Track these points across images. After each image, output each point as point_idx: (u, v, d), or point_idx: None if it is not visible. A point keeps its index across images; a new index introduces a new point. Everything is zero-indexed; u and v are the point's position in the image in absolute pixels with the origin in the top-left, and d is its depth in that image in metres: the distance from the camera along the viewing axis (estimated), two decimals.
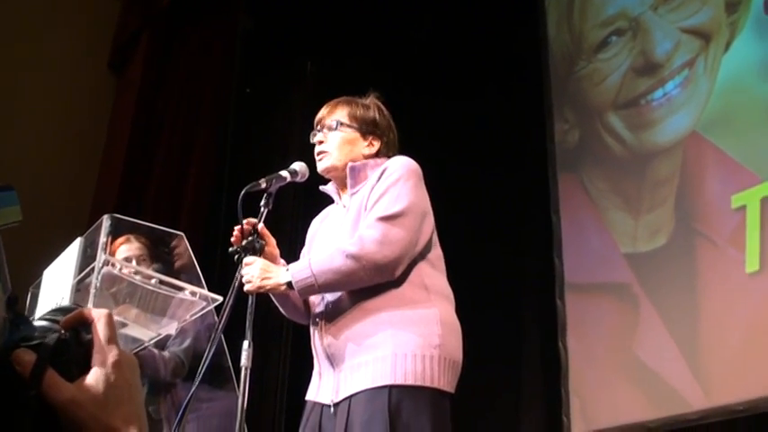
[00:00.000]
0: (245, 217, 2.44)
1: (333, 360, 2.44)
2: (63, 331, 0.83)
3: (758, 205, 3.62)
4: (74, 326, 0.84)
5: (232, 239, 2.48)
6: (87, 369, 0.82)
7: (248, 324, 2.28)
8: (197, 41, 5.59)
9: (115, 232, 2.64)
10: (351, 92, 2.74)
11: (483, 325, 4.23)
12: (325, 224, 2.69)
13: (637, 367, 3.90)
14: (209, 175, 5.18)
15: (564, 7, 4.71)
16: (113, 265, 2.55)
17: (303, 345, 2.76)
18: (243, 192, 2.43)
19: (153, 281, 2.65)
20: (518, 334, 4.62)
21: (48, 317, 0.86)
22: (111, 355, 0.83)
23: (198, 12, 5.63)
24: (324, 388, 2.46)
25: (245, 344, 2.26)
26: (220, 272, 3.82)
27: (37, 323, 0.85)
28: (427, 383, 2.33)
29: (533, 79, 4.73)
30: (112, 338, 0.85)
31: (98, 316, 0.85)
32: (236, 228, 2.46)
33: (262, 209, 2.49)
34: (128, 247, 3.09)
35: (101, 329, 0.84)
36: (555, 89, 4.62)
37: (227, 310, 2.30)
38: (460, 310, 2.52)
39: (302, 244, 2.77)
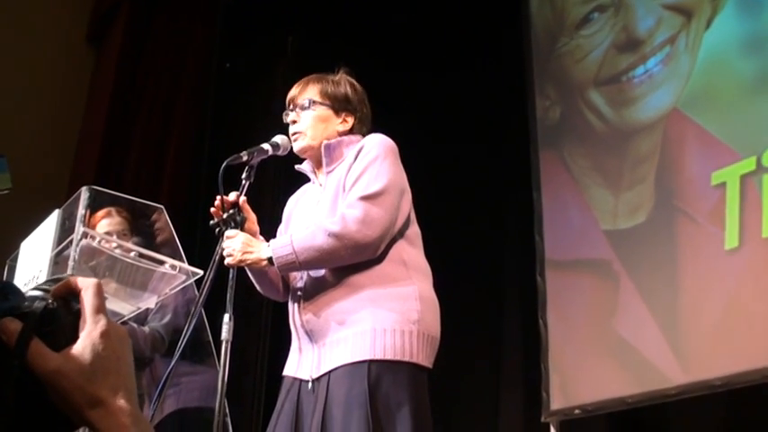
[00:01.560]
0: (226, 190, 2.43)
1: (312, 336, 2.44)
2: (51, 300, 0.82)
3: (738, 182, 3.64)
4: (62, 295, 0.83)
5: (212, 211, 2.46)
6: (75, 339, 0.81)
7: (229, 298, 2.27)
8: (178, 14, 5.54)
9: (94, 204, 2.62)
10: (332, 66, 2.72)
11: (463, 301, 4.25)
12: (302, 202, 2.68)
13: (616, 343, 3.92)
14: (188, 148, 5.16)
15: None
16: (92, 237, 2.52)
17: (282, 320, 2.75)
18: (224, 164, 2.41)
19: (132, 254, 2.63)
20: (498, 310, 4.64)
21: (41, 287, 0.85)
22: (99, 324, 0.82)
23: None
24: (303, 364, 2.46)
25: (226, 317, 2.25)
26: (201, 245, 3.80)
27: (29, 293, 0.84)
28: (406, 358, 2.35)
29: (515, 56, 4.71)
30: (100, 308, 0.83)
31: (86, 285, 0.84)
32: (217, 199, 2.44)
33: (243, 182, 2.47)
34: (109, 222, 3.06)
35: (89, 299, 0.83)
36: (536, 66, 4.61)
37: (208, 283, 2.29)
38: (441, 287, 2.54)
39: (281, 221, 2.76)
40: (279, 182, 4.67)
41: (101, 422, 0.79)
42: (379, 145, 2.49)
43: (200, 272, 2.66)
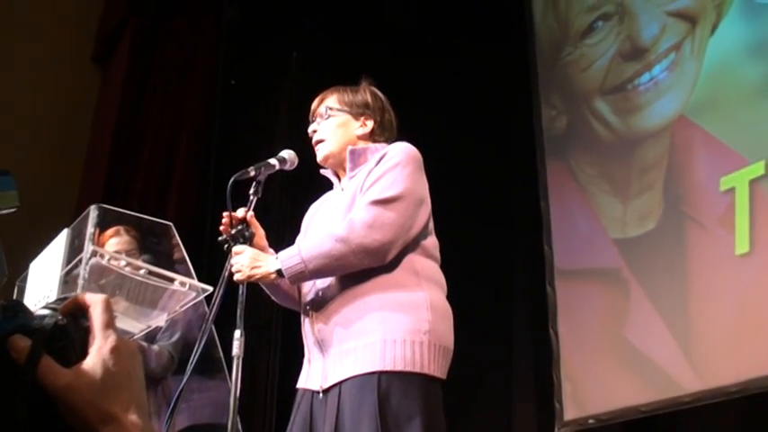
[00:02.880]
0: (234, 205, 2.42)
1: (322, 346, 2.42)
2: (60, 317, 0.81)
3: (747, 187, 3.62)
4: (71, 312, 0.83)
5: (221, 228, 2.46)
6: (85, 355, 0.80)
7: (239, 314, 2.26)
8: (182, 32, 5.56)
9: (103, 223, 2.61)
10: (338, 80, 2.73)
11: (474, 312, 4.22)
12: (323, 208, 2.67)
13: (628, 351, 3.90)
14: (196, 164, 5.16)
15: None
16: (101, 256, 2.52)
17: (293, 334, 2.75)
18: (231, 180, 2.41)
19: (142, 272, 2.62)
20: (509, 320, 4.62)
21: (50, 305, 0.85)
22: (109, 340, 0.81)
23: (182, 2, 5.59)
24: (313, 374, 2.45)
25: (237, 333, 2.24)
26: (209, 262, 3.79)
27: (37, 312, 0.84)
28: (417, 369, 2.31)
29: (520, 66, 4.71)
30: (110, 324, 0.83)
31: (95, 301, 0.84)
32: (225, 215, 2.44)
33: (251, 197, 2.47)
34: (117, 240, 3.06)
35: (98, 314, 0.83)
36: (542, 75, 4.61)
37: (218, 300, 2.28)
38: (451, 298, 2.50)
39: (291, 234, 2.75)
40: (286, 197, 4.67)
41: None
42: (401, 152, 2.47)
43: (210, 288, 2.65)
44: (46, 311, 0.83)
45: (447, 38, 5.09)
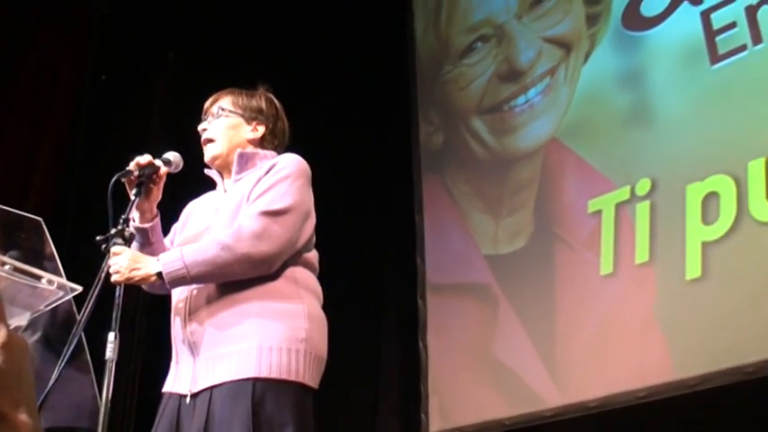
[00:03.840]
0: (115, 207, 2.34)
1: (194, 348, 2.36)
2: None
3: (613, 210, 3.78)
4: None
5: (130, 166, 2.41)
6: None
7: (115, 316, 2.18)
8: (50, 22, 5.33)
9: None
10: (213, 83, 2.71)
11: (343, 322, 4.19)
12: (203, 206, 2.62)
13: (495, 366, 3.99)
14: (60, 160, 4.96)
15: (431, 11, 4.78)
16: None
17: (157, 335, 2.68)
18: (113, 179, 2.35)
19: (6, 267, 2.48)
20: (378, 332, 4.65)
21: None
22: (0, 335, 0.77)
23: None
24: (181, 377, 2.38)
25: (111, 336, 2.16)
26: (69, 261, 3.64)
27: None
28: (292, 378, 2.30)
29: (399, 80, 4.76)
30: (1, 318, 0.79)
31: None
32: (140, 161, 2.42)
33: (132, 197, 2.40)
34: None
35: None
36: (421, 91, 4.68)
37: (93, 300, 2.19)
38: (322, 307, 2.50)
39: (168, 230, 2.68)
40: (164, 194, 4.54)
41: None
42: (292, 164, 2.46)
43: (79, 288, 2.55)
44: None
45: (324, 46, 5.08)
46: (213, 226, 2.45)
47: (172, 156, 2.53)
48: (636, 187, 3.72)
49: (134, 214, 2.44)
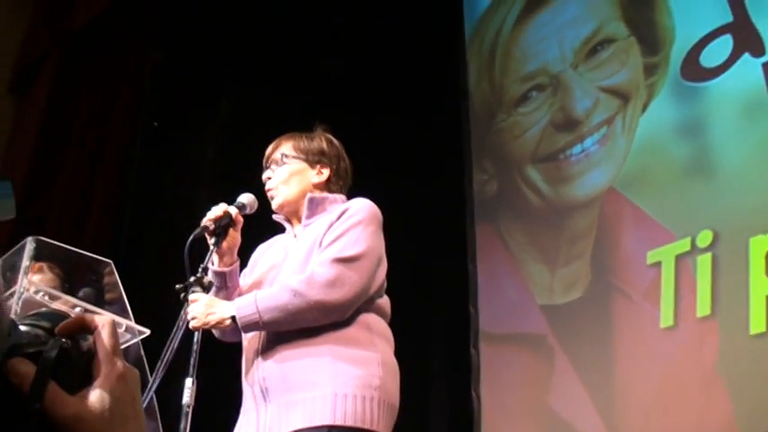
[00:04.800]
0: (192, 264, 2.34)
1: (266, 395, 2.35)
2: (64, 340, 0.76)
3: (673, 262, 3.72)
4: (72, 333, 0.77)
5: (205, 221, 2.39)
6: (88, 380, 0.76)
7: (192, 361, 2.19)
8: (106, 70, 5.42)
9: (39, 256, 2.48)
10: (266, 130, 2.72)
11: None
12: (272, 250, 2.62)
13: (551, 419, 3.92)
14: (113, 205, 5.00)
15: (485, 60, 4.79)
16: (37, 291, 2.38)
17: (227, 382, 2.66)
18: (190, 238, 2.35)
19: (77, 310, 2.49)
20: (432, 382, 4.59)
21: (29, 322, 0.79)
22: (116, 367, 0.77)
23: (109, 40, 5.47)
24: (253, 425, 2.36)
25: (188, 381, 2.16)
26: None
27: (24, 328, 0.78)
28: (366, 426, 2.28)
29: (453, 129, 4.76)
30: (117, 349, 0.79)
31: (102, 324, 0.79)
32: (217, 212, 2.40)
33: (211, 246, 2.40)
34: (40, 278, 2.91)
35: (105, 339, 0.78)
36: (474, 139, 4.67)
37: (173, 346, 2.19)
38: None
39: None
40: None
41: None
42: (364, 209, 2.46)
43: (147, 331, 2.56)
44: (31, 329, 0.78)
45: (380, 92, 5.11)
46: (283, 271, 2.44)
47: (246, 198, 2.53)
48: (697, 239, 3.66)
49: (213, 259, 2.44)
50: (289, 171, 2.55)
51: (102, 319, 0.80)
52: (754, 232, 3.50)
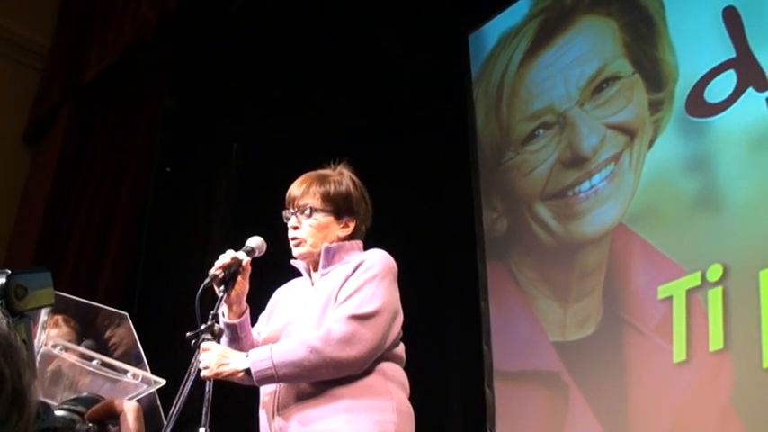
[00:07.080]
0: (203, 313, 2.35)
1: None
2: (91, 425, 0.80)
3: (684, 297, 3.73)
4: (101, 418, 0.81)
5: (212, 270, 2.40)
6: None
7: (205, 410, 2.19)
8: (118, 119, 5.48)
9: (56, 309, 2.51)
10: (278, 173, 2.69)
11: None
12: (290, 296, 2.63)
13: None
14: (128, 251, 5.04)
15: (492, 100, 4.84)
16: (54, 345, 2.42)
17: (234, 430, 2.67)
18: (201, 288, 2.35)
19: (94, 362, 2.52)
20: (447, 422, 4.59)
21: (66, 407, 0.84)
22: None
23: (120, 89, 5.55)
24: None
25: (202, 431, 2.17)
26: None
27: (59, 413, 0.83)
28: None
29: (462, 168, 4.81)
30: None
31: (128, 408, 0.83)
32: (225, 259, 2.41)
33: (219, 294, 2.41)
34: (57, 332, 2.94)
35: (131, 423, 0.82)
36: (483, 178, 4.71)
37: (184, 394, 2.21)
38: None
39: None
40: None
41: None
42: (379, 263, 2.45)
43: (163, 381, 2.58)
44: (67, 413, 0.82)
45: (388, 136, 5.17)
46: (300, 321, 2.46)
47: (254, 242, 2.52)
48: (707, 273, 3.68)
49: (222, 309, 2.46)
50: (317, 225, 2.52)
51: (129, 404, 0.84)
52: (764, 265, 3.52)
